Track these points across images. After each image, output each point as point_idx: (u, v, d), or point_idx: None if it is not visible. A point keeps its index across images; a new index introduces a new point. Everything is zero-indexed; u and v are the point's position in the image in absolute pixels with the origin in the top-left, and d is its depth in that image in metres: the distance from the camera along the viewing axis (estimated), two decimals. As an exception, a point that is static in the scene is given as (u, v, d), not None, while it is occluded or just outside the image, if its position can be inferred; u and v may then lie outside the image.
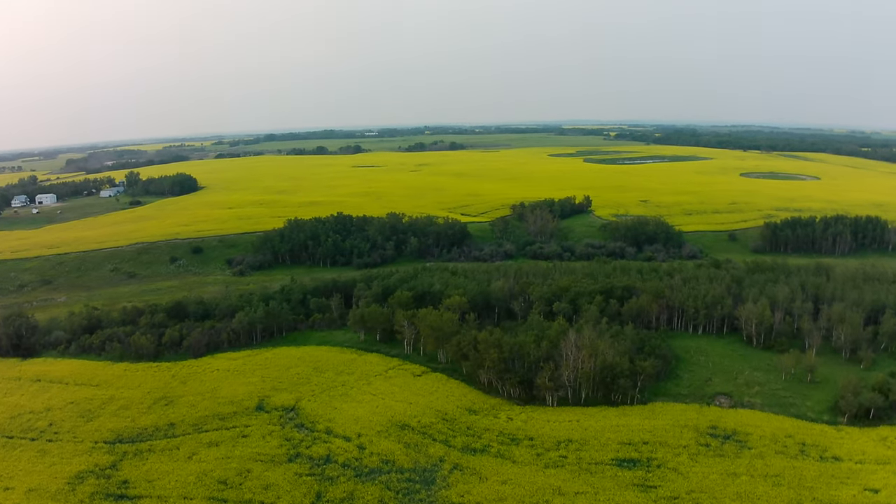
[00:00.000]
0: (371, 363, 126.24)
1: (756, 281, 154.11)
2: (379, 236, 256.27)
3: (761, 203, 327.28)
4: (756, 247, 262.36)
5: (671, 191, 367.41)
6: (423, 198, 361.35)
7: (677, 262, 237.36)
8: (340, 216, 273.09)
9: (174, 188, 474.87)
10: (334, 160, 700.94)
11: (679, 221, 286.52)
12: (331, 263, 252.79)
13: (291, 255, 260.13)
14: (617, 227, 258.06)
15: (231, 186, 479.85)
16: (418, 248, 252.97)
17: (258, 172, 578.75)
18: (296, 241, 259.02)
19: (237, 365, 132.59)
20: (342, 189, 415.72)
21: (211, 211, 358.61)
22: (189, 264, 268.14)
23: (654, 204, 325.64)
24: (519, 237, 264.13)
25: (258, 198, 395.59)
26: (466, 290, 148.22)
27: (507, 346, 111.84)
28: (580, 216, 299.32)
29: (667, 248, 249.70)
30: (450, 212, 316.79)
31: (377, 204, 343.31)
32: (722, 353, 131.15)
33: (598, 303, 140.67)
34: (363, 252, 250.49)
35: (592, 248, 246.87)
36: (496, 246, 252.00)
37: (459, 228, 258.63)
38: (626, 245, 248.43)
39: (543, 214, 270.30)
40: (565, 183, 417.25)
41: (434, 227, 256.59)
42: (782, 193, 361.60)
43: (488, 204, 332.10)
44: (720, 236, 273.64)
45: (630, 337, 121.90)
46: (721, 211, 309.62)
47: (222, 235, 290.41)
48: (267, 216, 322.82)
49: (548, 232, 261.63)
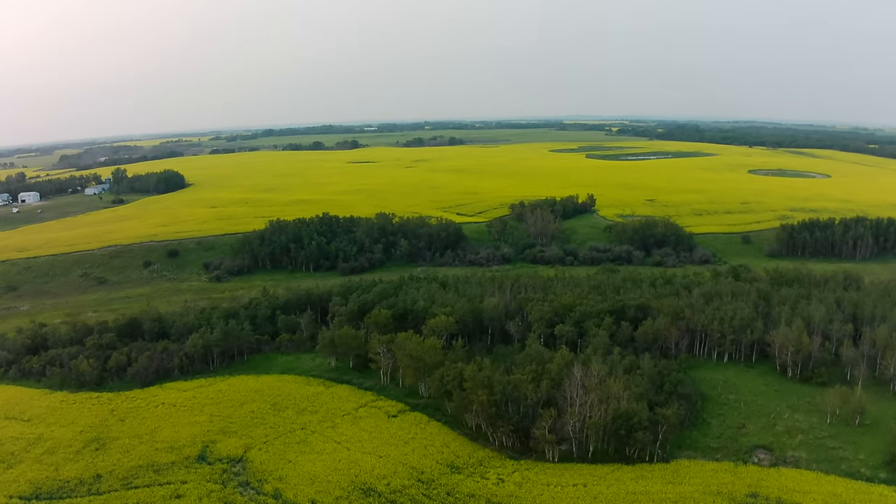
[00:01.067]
0: (339, 398, 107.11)
1: (786, 297, 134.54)
2: (367, 239, 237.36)
3: (774, 202, 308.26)
4: (772, 250, 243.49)
5: (678, 189, 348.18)
6: (418, 196, 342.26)
7: (690, 269, 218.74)
8: (326, 217, 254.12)
9: (159, 186, 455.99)
10: (329, 156, 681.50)
11: (689, 222, 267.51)
12: (314, 268, 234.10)
13: (272, 258, 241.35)
14: (623, 229, 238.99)
15: (219, 184, 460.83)
16: (409, 252, 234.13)
17: (249, 169, 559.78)
18: (277, 244, 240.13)
19: (186, 398, 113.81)
20: (333, 186, 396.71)
21: (193, 210, 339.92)
22: (163, 269, 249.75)
23: (661, 203, 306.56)
24: (518, 239, 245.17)
25: (244, 196, 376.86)
26: (455, 309, 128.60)
27: (498, 386, 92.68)
28: (583, 216, 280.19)
29: (677, 252, 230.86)
30: (445, 211, 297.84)
31: (368, 202, 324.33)
32: (754, 388, 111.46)
33: (608, 326, 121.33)
34: (349, 256, 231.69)
35: (597, 251, 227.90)
36: (493, 249, 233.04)
37: (454, 230, 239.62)
38: (633, 249, 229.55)
39: (544, 215, 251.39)
40: (567, 180, 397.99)
41: (426, 229, 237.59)
42: (795, 192, 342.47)
43: (486, 203, 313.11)
44: (733, 238, 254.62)
45: (647, 372, 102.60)
46: (733, 211, 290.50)
47: (200, 237, 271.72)
48: (250, 216, 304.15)
49: (549, 234, 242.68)
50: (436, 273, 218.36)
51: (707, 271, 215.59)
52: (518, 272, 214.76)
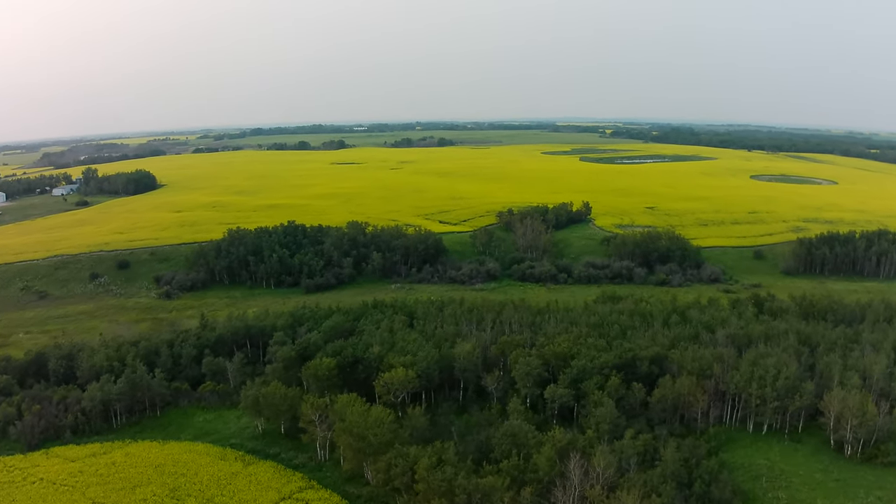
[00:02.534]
0: (258, 484, 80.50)
1: (832, 341, 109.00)
2: (335, 251, 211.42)
3: (785, 212, 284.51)
4: (788, 267, 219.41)
5: (680, 196, 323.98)
6: (399, 201, 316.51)
7: (699, 290, 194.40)
8: (291, 226, 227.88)
9: (128, 187, 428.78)
10: (313, 156, 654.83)
11: (694, 234, 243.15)
12: (275, 284, 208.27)
13: (230, 272, 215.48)
14: (623, 242, 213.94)
15: (192, 185, 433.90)
16: (382, 266, 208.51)
17: (228, 169, 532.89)
18: (234, 257, 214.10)
19: (71, 472, 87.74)
20: (310, 189, 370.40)
21: (156, 215, 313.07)
22: (112, 282, 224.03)
23: (662, 212, 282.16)
24: (505, 252, 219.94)
25: (214, 199, 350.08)
26: (418, 358, 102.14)
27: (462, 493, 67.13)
28: (578, 226, 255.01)
29: (683, 269, 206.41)
30: (426, 218, 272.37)
31: (344, 208, 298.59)
32: (808, 476, 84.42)
33: (614, 387, 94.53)
34: (314, 271, 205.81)
35: (594, 268, 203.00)
36: (477, 264, 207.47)
37: (433, 242, 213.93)
38: (634, 265, 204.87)
39: (535, 225, 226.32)
40: (560, 185, 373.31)
41: (402, 241, 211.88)
42: (805, 201, 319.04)
43: (472, 209, 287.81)
44: (744, 253, 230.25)
45: (671, 466, 75.22)
46: (741, 221, 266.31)
47: (155, 247, 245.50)
48: (214, 223, 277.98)
49: (539, 246, 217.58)
50: (411, 292, 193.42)
51: (720, 293, 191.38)
52: (504, 293, 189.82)
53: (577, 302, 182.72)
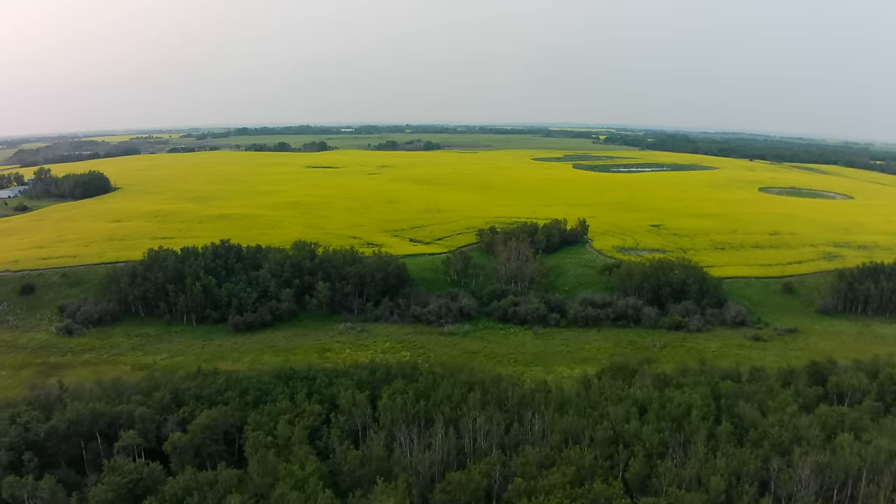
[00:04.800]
0: None
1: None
2: (272, 280, 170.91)
3: (810, 233, 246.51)
4: (824, 305, 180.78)
5: (688, 212, 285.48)
6: (367, 213, 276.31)
7: (723, 336, 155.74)
8: (223, 246, 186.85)
9: (76, 190, 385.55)
10: (289, 159, 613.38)
11: (710, 260, 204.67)
12: (198, 320, 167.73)
13: (146, 303, 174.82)
14: (629, 273, 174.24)
15: (148, 189, 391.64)
16: (330, 299, 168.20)
17: (195, 171, 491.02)
18: (151, 284, 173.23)
19: None
20: (272, 197, 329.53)
21: (89, 224, 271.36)
22: (10, 310, 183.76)
23: (669, 231, 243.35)
24: (484, 283, 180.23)
25: (161, 207, 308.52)
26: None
27: None
28: (573, 249, 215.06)
29: (702, 308, 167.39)
30: (395, 235, 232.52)
31: (302, 220, 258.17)
32: None
33: None
34: (246, 304, 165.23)
35: (593, 306, 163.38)
36: (449, 299, 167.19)
37: (395, 270, 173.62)
38: (642, 302, 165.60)
39: (521, 248, 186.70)
40: (552, 196, 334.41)
41: (357, 267, 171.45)
42: (828, 219, 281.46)
43: (450, 225, 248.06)
44: (770, 286, 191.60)
45: None
46: (762, 245, 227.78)
47: (69, 267, 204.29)
48: (148, 236, 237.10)
49: (526, 276, 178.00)
50: (362, 335, 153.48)
51: (749, 341, 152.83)
52: (480, 339, 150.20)
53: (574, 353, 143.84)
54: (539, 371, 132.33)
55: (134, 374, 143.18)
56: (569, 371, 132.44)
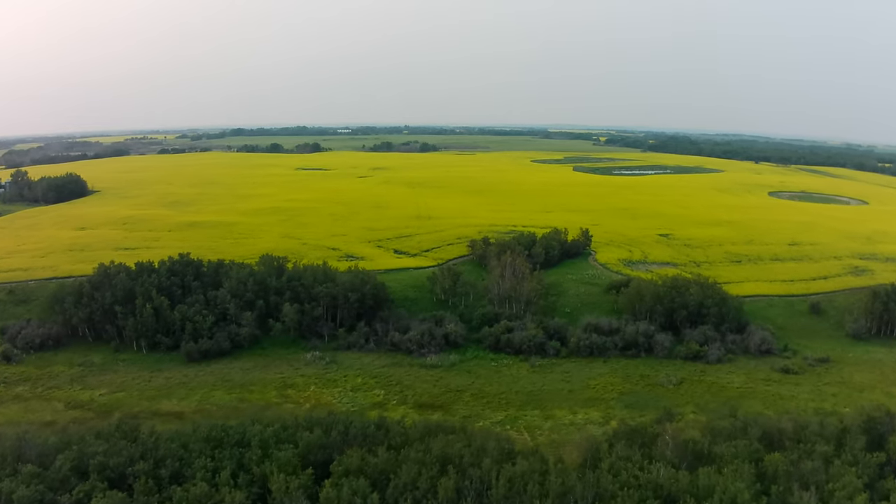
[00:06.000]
0: None
1: None
2: (232, 301, 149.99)
3: (831, 243, 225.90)
4: (857, 329, 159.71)
5: (698, 219, 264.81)
6: (352, 220, 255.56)
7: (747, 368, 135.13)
8: (181, 261, 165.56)
9: (49, 194, 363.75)
10: (279, 160, 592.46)
11: (726, 275, 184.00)
12: (149, 346, 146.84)
13: (93, 326, 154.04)
14: (639, 293, 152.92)
15: (126, 193, 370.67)
16: (298, 323, 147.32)
17: (178, 173, 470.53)
18: (98, 304, 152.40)
19: None
20: (252, 201, 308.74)
21: (51, 233, 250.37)
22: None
23: (680, 241, 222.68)
24: (474, 304, 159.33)
25: (133, 212, 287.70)
26: None
27: None
28: (574, 263, 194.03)
29: (721, 333, 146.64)
30: (379, 246, 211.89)
31: (280, 229, 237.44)
32: None
33: None
34: (201, 329, 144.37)
35: (598, 332, 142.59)
36: (433, 323, 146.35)
37: (372, 290, 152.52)
38: (654, 328, 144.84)
39: (517, 263, 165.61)
40: (551, 201, 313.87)
41: (327, 288, 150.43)
42: (847, 227, 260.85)
43: (439, 234, 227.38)
44: (795, 306, 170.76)
45: None
46: (782, 257, 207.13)
47: (17, 282, 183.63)
48: (111, 246, 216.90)
49: (523, 296, 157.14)
50: (330, 367, 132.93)
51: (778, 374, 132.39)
52: (468, 374, 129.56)
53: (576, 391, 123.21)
54: (535, 416, 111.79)
55: (65, 413, 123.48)
56: (571, 416, 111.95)
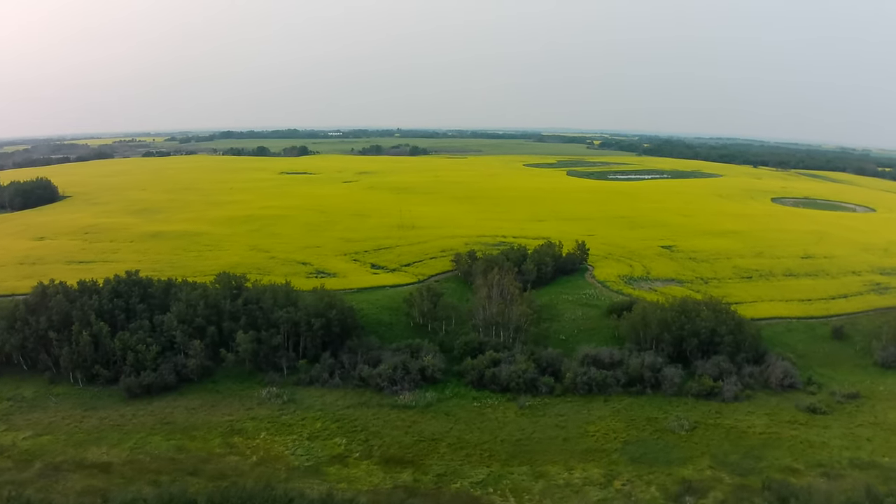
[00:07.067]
0: None
1: None
2: (179, 327, 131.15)
3: (849, 257, 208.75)
4: (887, 358, 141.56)
5: (701, 228, 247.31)
6: (328, 230, 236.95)
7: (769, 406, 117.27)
8: (128, 280, 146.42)
9: (15, 200, 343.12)
10: (264, 164, 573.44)
11: (737, 293, 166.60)
12: (86, 378, 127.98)
13: (27, 354, 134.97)
14: (644, 319, 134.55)
15: (97, 198, 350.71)
16: (255, 353, 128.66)
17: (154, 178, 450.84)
18: (32, 330, 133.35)
19: None
20: (225, 209, 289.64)
21: (10, 243, 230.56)
22: None
23: (684, 254, 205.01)
24: (456, 331, 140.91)
25: (99, 220, 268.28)
26: None
27: None
28: (570, 281, 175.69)
29: (737, 365, 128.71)
30: (355, 260, 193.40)
31: (248, 240, 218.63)
32: None
33: None
34: (144, 360, 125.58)
35: (598, 365, 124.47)
36: (408, 354, 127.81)
37: (339, 315, 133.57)
38: (661, 360, 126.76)
39: (505, 281, 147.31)
40: (544, 208, 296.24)
41: (287, 313, 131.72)
42: (862, 238, 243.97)
43: (422, 246, 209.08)
44: (816, 330, 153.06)
45: None
46: (796, 273, 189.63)
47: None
48: (64, 259, 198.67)
49: (511, 321, 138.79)
50: (288, 406, 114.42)
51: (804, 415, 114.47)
52: (445, 417, 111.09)
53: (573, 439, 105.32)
54: (523, 474, 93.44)
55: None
56: (566, 473, 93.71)
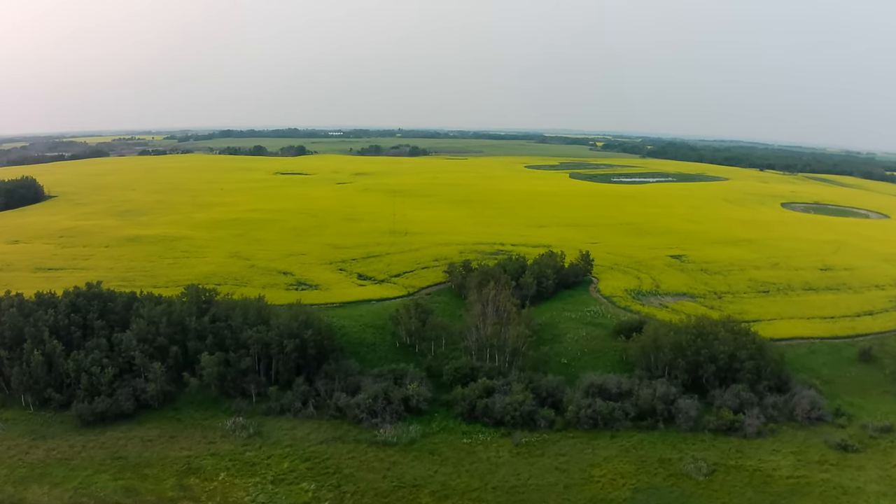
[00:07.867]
0: None
1: None
2: (139, 347, 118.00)
3: (871, 268, 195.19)
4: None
5: (711, 236, 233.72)
6: (316, 236, 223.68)
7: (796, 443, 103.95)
8: (87, 294, 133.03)
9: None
10: (259, 164, 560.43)
11: (754, 310, 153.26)
12: (38, 403, 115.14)
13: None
14: (655, 343, 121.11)
15: (82, 199, 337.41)
16: (221, 378, 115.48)
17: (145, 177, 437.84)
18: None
19: None
20: (211, 211, 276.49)
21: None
22: None
23: (695, 265, 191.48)
24: (446, 353, 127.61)
25: (79, 223, 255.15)
26: None
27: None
28: (573, 296, 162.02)
29: (759, 395, 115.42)
30: (341, 269, 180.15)
31: (230, 246, 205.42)
32: None
33: None
34: (100, 383, 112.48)
35: (604, 396, 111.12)
36: (391, 381, 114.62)
37: (316, 335, 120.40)
38: (675, 390, 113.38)
39: (501, 298, 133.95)
40: (545, 213, 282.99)
41: (258, 333, 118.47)
42: (882, 247, 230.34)
43: (414, 254, 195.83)
44: (842, 352, 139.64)
45: None
46: (816, 287, 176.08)
47: None
48: (31, 267, 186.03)
49: (507, 344, 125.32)
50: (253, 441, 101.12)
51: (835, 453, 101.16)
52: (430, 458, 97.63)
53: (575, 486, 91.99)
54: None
55: None
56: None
